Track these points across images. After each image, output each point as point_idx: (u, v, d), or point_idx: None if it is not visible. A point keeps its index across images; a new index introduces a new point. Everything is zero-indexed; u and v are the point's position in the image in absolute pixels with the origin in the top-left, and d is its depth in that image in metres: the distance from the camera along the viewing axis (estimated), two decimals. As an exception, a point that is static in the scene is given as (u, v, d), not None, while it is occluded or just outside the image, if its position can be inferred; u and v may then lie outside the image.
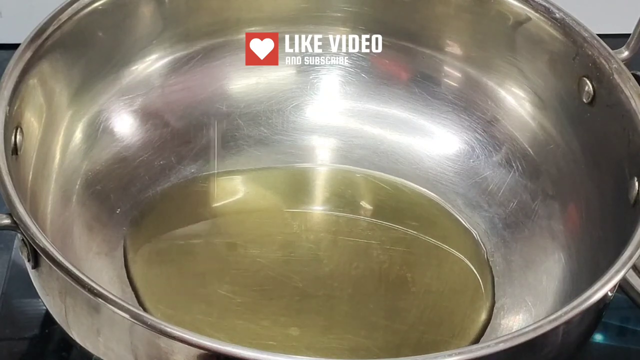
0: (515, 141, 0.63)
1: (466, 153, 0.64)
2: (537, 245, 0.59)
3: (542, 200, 0.60)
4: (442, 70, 0.65)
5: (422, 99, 0.65)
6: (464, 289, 0.58)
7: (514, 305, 0.57)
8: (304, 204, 0.62)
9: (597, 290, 0.45)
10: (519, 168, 0.62)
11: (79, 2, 0.57)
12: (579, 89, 0.58)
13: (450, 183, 0.63)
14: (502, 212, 0.61)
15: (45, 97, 0.55)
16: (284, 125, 0.65)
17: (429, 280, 0.58)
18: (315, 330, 0.55)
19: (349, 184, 0.63)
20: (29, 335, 0.56)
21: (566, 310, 0.43)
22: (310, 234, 0.60)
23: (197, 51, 0.64)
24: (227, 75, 0.65)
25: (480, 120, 0.64)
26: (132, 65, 0.62)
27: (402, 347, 0.54)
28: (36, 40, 0.54)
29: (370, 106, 0.66)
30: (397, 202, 0.62)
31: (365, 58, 0.66)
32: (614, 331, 0.60)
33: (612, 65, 0.56)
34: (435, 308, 0.56)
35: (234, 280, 0.56)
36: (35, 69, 0.53)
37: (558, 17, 0.59)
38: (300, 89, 0.66)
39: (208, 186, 0.62)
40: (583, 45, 0.58)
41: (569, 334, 0.46)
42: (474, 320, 0.56)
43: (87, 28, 0.58)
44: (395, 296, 0.57)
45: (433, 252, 0.60)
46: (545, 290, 0.56)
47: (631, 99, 0.54)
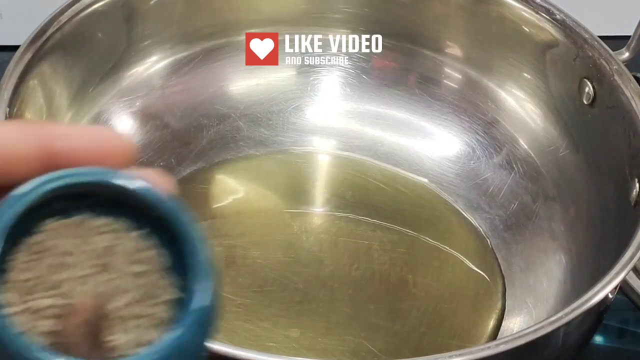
0: (515, 142, 0.63)
1: (467, 154, 0.64)
2: (538, 247, 0.59)
3: (542, 202, 0.60)
4: (442, 71, 0.65)
5: (422, 100, 0.65)
6: (465, 290, 0.58)
7: (514, 307, 0.57)
8: (305, 204, 0.62)
9: (597, 292, 0.44)
10: (519, 169, 0.62)
11: (79, 4, 0.56)
12: (579, 90, 0.58)
13: (450, 184, 0.63)
14: (502, 214, 0.61)
15: (45, 98, 0.55)
16: (284, 127, 0.65)
17: (430, 282, 0.58)
18: (315, 331, 0.55)
19: (350, 185, 0.63)
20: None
21: (567, 311, 0.43)
22: (311, 235, 0.60)
23: (197, 52, 0.64)
24: (228, 77, 0.65)
25: (480, 122, 0.64)
26: (132, 66, 0.62)
27: (402, 348, 0.54)
28: (36, 42, 0.54)
29: (371, 107, 0.66)
30: (397, 204, 0.62)
31: (366, 59, 0.66)
32: (614, 333, 0.60)
33: (613, 66, 0.56)
34: (436, 309, 0.56)
35: (233, 282, 0.56)
36: (36, 71, 0.53)
37: (559, 19, 0.59)
38: (301, 90, 0.66)
39: (208, 187, 0.62)
40: (584, 47, 0.58)
41: (569, 336, 0.46)
42: (474, 322, 0.56)
43: (87, 29, 0.58)
44: (396, 297, 0.57)
45: (434, 253, 0.60)
46: (545, 292, 0.56)
47: (632, 100, 0.54)
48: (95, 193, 0.27)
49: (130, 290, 0.27)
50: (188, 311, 0.27)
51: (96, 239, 0.27)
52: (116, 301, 0.27)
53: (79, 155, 0.27)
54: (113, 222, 0.28)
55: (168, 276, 0.28)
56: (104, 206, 0.28)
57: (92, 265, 0.27)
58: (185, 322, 0.26)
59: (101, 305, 0.26)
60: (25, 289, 0.26)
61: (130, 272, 0.27)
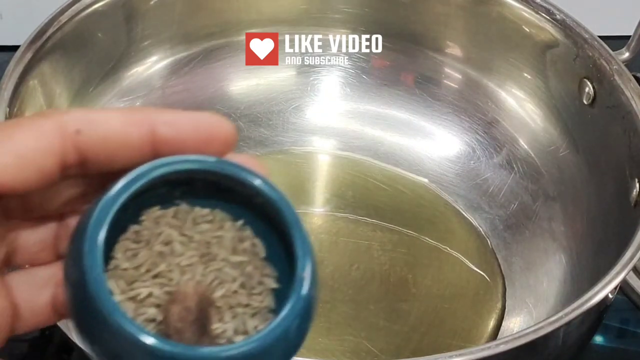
0: (516, 142, 0.63)
1: (467, 154, 0.64)
2: (538, 247, 0.59)
3: (542, 202, 0.60)
4: (442, 71, 0.65)
5: (422, 101, 0.65)
6: (465, 290, 0.58)
7: (514, 307, 0.57)
8: (305, 204, 0.62)
9: (597, 292, 0.44)
10: (519, 169, 0.62)
11: (79, 4, 0.57)
12: (579, 90, 0.58)
13: (451, 185, 0.63)
14: (502, 214, 0.61)
15: (45, 98, 0.55)
16: (284, 127, 0.65)
17: (430, 282, 0.58)
18: (315, 331, 0.55)
19: (350, 185, 0.63)
20: (29, 337, 0.56)
21: (567, 311, 0.43)
22: (311, 235, 0.60)
23: (197, 52, 0.64)
24: (228, 77, 0.65)
25: (480, 122, 0.64)
26: (133, 66, 0.62)
27: (402, 348, 0.54)
28: (36, 42, 0.54)
29: (371, 107, 0.66)
30: (397, 204, 0.62)
31: (366, 59, 0.66)
32: (613, 333, 0.60)
33: (613, 66, 0.56)
34: (436, 309, 0.56)
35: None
36: (36, 71, 0.53)
37: (559, 19, 0.59)
38: (301, 90, 0.66)
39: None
40: (584, 47, 0.58)
41: (569, 336, 0.46)
42: (474, 322, 0.56)
43: (87, 29, 0.58)
44: (396, 298, 0.57)
45: (434, 253, 0.60)
46: (546, 292, 0.56)
47: (632, 100, 0.54)
48: (194, 180, 0.28)
49: (231, 280, 0.27)
50: (291, 299, 0.27)
51: (196, 229, 0.28)
52: (217, 290, 0.27)
53: (182, 142, 0.27)
54: (210, 213, 0.28)
55: (266, 266, 0.28)
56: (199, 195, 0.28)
57: (193, 255, 0.27)
58: (289, 310, 0.27)
59: (203, 294, 0.27)
60: (130, 277, 0.27)
61: (231, 261, 0.28)
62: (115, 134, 0.27)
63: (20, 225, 0.29)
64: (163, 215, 0.28)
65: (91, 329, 0.26)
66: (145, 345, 0.25)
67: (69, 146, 0.27)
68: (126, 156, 0.27)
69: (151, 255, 0.27)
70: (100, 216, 0.26)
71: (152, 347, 0.25)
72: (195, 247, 0.28)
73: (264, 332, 0.26)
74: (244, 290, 0.28)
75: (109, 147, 0.27)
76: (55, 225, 0.29)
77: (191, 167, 0.27)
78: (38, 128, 0.26)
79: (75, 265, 0.26)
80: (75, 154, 0.27)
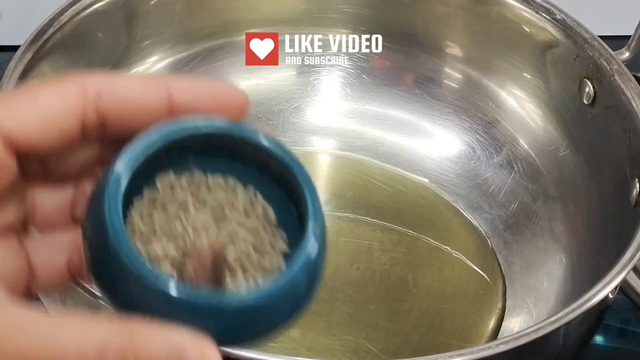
0: (516, 142, 0.63)
1: (467, 154, 0.64)
2: (538, 247, 0.59)
3: (543, 202, 0.60)
4: (442, 71, 0.65)
5: (422, 100, 0.65)
6: (465, 290, 0.58)
7: (515, 307, 0.57)
8: (305, 205, 0.62)
9: (598, 292, 0.44)
10: (519, 169, 0.62)
11: (79, 4, 0.57)
12: (579, 90, 0.58)
13: (451, 184, 0.63)
14: (503, 214, 0.61)
15: (45, 98, 0.55)
16: (284, 127, 0.65)
17: (430, 282, 0.58)
18: (315, 331, 0.55)
19: (350, 185, 0.63)
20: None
21: (567, 311, 0.43)
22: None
23: (197, 52, 0.64)
24: (228, 77, 0.65)
25: (481, 122, 0.64)
26: (132, 66, 0.62)
27: (402, 348, 0.54)
28: (36, 42, 0.54)
29: (371, 107, 0.66)
30: (398, 204, 0.62)
31: (366, 59, 0.66)
32: (614, 333, 0.60)
33: (613, 66, 0.56)
34: (436, 309, 0.56)
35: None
36: (36, 71, 0.53)
37: (559, 18, 0.59)
38: (301, 90, 0.66)
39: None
40: (584, 47, 0.58)
41: (569, 336, 0.46)
42: (474, 322, 0.56)
43: (88, 29, 0.58)
44: (396, 297, 0.57)
45: (434, 253, 0.60)
46: (546, 292, 0.56)
47: (632, 100, 0.54)
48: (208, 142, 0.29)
49: (244, 242, 0.28)
50: (300, 255, 0.28)
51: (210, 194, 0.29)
52: (231, 251, 0.28)
53: (197, 108, 0.28)
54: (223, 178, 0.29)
55: (277, 230, 0.29)
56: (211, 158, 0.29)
57: (207, 219, 0.28)
58: (297, 265, 0.28)
59: (217, 251, 0.28)
60: (146, 237, 0.28)
61: (244, 225, 0.29)
62: (134, 98, 0.28)
63: (39, 187, 0.30)
64: (177, 180, 0.29)
65: (112, 280, 0.27)
66: (165, 292, 0.26)
67: (90, 108, 0.27)
68: (144, 120, 0.28)
69: (167, 218, 0.28)
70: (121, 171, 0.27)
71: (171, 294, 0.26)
72: (209, 211, 0.28)
73: (270, 285, 0.27)
74: (256, 253, 0.28)
75: (127, 110, 0.28)
76: (72, 189, 0.30)
77: (208, 130, 0.28)
78: (61, 90, 0.27)
79: (96, 219, 0.27)
80: (95, 116, 0.27)
